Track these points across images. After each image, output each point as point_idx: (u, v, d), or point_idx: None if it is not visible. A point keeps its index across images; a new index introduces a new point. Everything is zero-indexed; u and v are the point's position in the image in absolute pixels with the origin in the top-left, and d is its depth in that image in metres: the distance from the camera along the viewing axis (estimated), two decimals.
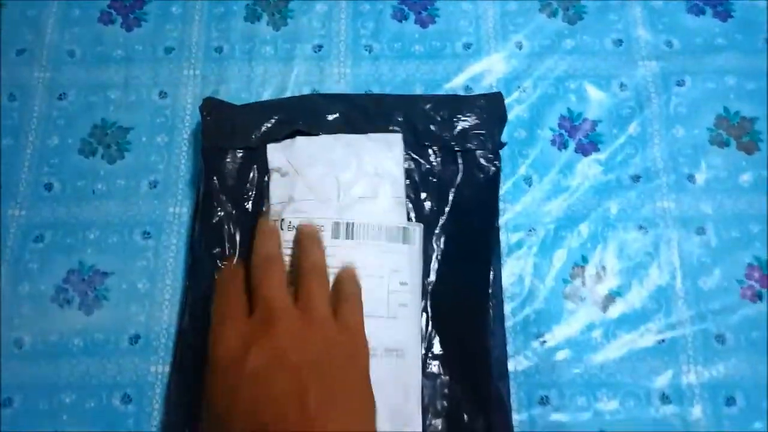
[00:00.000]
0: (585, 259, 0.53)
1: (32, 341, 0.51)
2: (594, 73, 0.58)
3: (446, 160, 0.52)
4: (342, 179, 0.49)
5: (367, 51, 0.59)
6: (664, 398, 0.49)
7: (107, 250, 0.53)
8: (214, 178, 0.51)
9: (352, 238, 0.47)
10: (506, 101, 0.56)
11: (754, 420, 0.48)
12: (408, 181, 0.50)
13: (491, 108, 0.53)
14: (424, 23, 0.60)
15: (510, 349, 0.50)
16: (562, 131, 0.56)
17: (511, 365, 0.50)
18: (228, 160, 0.51)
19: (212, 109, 0.53)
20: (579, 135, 0.56)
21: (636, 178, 0.55)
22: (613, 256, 0.53)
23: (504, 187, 0.54)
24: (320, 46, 0.59)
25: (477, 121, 0.52)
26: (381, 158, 0.50)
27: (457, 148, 0.52)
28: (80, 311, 0.52)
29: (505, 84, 0.57)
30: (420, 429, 0.44)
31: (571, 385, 0.49)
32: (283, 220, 0.48)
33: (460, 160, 0.51)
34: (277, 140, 0.51)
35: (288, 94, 0.57)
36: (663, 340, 0.50)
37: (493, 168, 0.52)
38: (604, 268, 0.52)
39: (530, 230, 0.53)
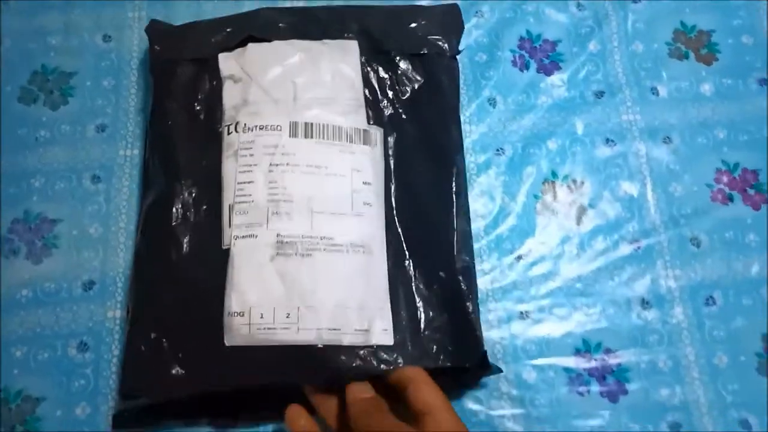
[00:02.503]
0: (555, 174, 0.52)
1: None
2: None
3: (403, 66, 0.50)
4: (298, 82, 0.47)
5: None
6: (645, 303, 0.48)
7: (54, 197, 0.50)
8: (165, 90, 0.49)
9: (312, 137, 0.45)
10: (465, 27, 0.55)
11: (734, 316, 0.48)
12: (366, 88, 0.48)
13: (447, 18, 0.52)
14: None
15: (486, 266, 0.49)
16: (523, 52, 0.55)
17: (488, 282, 0.48)
18: (178, 72, 0.49)
19: (159, 27, 0.51)
20: (540, 55, 0.55)
21: (600, 94, 0.54)
22: (582, 170, 0.52)
23: (468, 110, 0.53)
24: None
25: (433, 28, 0.51)
26: (337, 63, 0.48)
27: (413, 52, 0.50)
28: (27, 261, 0.48)
29: (463, 10, 0.55)
30: (390, 323, 0.42)
31: (549, 297, 0.48)
32: (237, 123, 0.46)
33: (417, 65, 0.50)
34: (229, 49, 0.49)
35: None
36: (638, 248, 0.49)
37: (450, 71, 0.50)
38: (574, 181, 0.51)
39: (498, 150, 0.52)
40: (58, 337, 0.46)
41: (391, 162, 0.47)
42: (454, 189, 0.47)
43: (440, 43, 0.50)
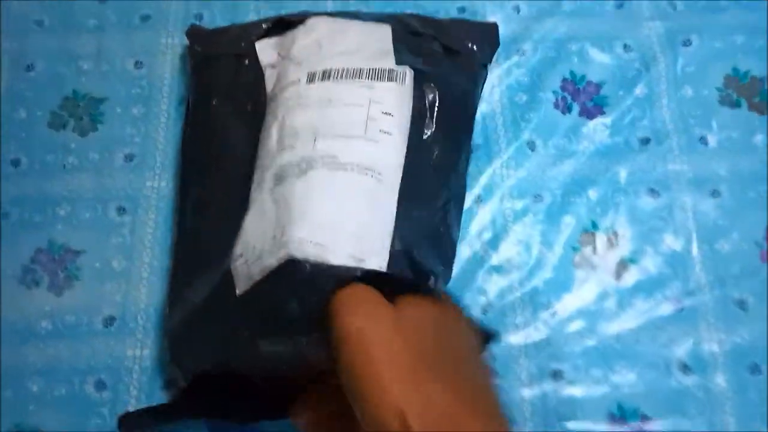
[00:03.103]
0: (595, 225, 0.49)
1: None
2: (595, 35, 0.55)
3: (435, 51, 0.48)
4: (324, 43, 0.45)
5: None
6: (685, 368, 0.46)
7: (79, 227, 0.49)
8: (208, 85, 0.48)
9: (328, 80, 0.43)
10: (505, 65, 0.54)
11: None
12: (396, 50, 0.46)
13: (485, 31, 0.50)
14: None
15: (519, 320, 0.47)
16: (565, 94, 0.53)
17: (521, 338, 0.46)
18: (221, 66, 0.48)
19: (199, 29, 0.51)
20: (583, 98, 0.53)
21: (645, 141, 0.52)
22: (624, 222, 0.49)
23: (506, 153, 0.51)
24: None
25: (468, 36, 0.49)
26: (367, 35, 0.46)
27: (446, 44, 0.48)
28: (50, 292, 0.47)
29: (504, 47, 0.53)
30: (386, 263, 0.38)
31: (585, 357, 0.46)
32: (271, 98, 0.45)
33: (448, 57, 0.48)
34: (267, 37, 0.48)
35: None
36: (682, 308, 0.47)
37: (476, 76, 0.49)
38: (615, 233, 0.49)
39: (536, 196, 0.50)
40: (76, 372, 0.45)
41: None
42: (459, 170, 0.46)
43: (473, 48, 0.48)
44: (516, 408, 0.44)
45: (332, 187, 0.39)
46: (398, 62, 0.44)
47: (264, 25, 0.49)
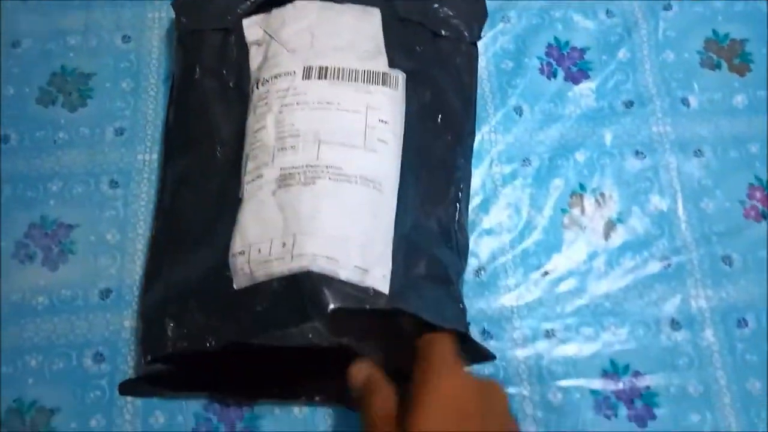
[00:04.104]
0: (583, 187, 0.50)
1: None
2: (578, 1, 0.56)
3: (424, 40, 0.48)
4: (317, 33, 0.46)
5: None
6: (674, 324, 0.47)
7: (72, 201, 0.49)
8: (193, 59, 0.48)
9: (325, 79, 0.44)
10: (491, 33, 0.54)
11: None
12: (387, 42, 0.46)
13: (471, 5, 0.50)
14: None
15: (511, 282, 0.48)
16: (550, 60, 0.54)
17: (513, 299, 0.47)
18: (206, 41, 0.48)
19: (185, 1, 0.50)
20: (567, 63, 0.54)
21: (629, 104, 0.53)
22: (611, 183, 0.50)
23: (494, 118, 0.52)
24: None
25: (455, 12, 0.49)
26: (358, 21, 0.47)
27: (433, 30, 0.48)
28: (44, 267, 0.47)
29: (489, 15, 0.54)
30: (389, 270, 0.40)
31: (576, 316, 0.47)
32: (258, 80, 0.45)
33: (438, 44, 0.48)
34: (253, 14, 0.48)
35: None
36: (669, 265, 0.48)
37: (468, 56, 0.49)
38: (602, 195, 0.50)
39: (524, 160, 0.51)
40: (73, 346, 0.46)
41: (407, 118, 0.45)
42: (459, 162, 0.46)
43: (461, 28, 0.49)
44: (511, 368, 0.45)
45: (339, 200, 0.40)
46: (391, 65, 0.45)
47: (250, 0, 0.49)
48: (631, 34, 0.55)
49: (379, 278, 0.39)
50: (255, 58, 0.46)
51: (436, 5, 0.50)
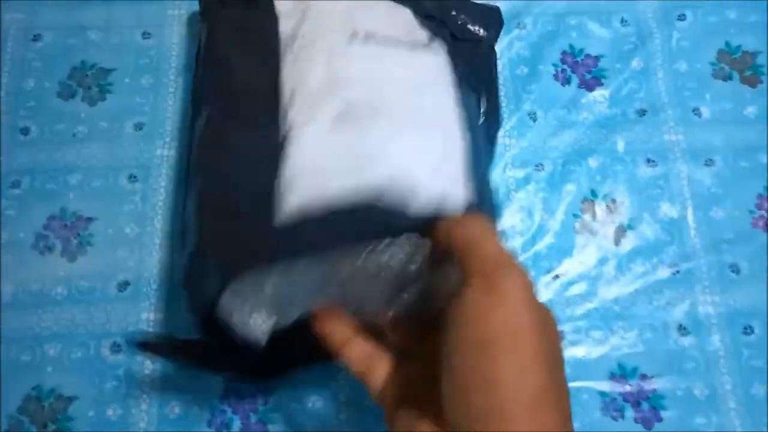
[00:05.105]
0: (594, 193, 0.51)
1: (13, 291, 0.47)
2: (593, 9, 0.57)
3: (447, 38, 0.47)
4: (353, 9, 0.45)
5: None
6: (682, 329, 0.48)
7: (91, 194, 0.50)
8: (219, 27, 0.47)
9: (372, 41, 0.43)
10: (506, 39, 0.55)
11: None
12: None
13: (488, 14, 0.51)
14: None
15: None
16: (565, 67, 0.55)
17: None
18: (232, 10, 0.47)
19: None
20: (582, 70, 0.54)
21: (642, 112, 0.53)
22: (622, 190, 0.51)
23: (509, 123, 0.53)
24: None
25: (473, 19, 0.50)
26: (393, 11, 0.46)
27: (453, 33, 0.48)
28: (63, 258, 0.48)
29: (505, 22, 0.54)
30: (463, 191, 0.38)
31: (586, 319, 0.48)
32: (295, 35, 0.44)
33: (458, 46, 0.48)
34: None
35: None
36: (677, 272, 0.49)
37: (486, 57, 0.50)
38: (614, 201, 0.51)
39: (537, 165, 0.52)
40: (92, 336, 0.46)
41: None
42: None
43: (479, 34, 0.49)
44: None
45: (410, 133, 0.39)
46: (430, 39, 0.45)
47: None
48: (645, 44, 0.55)
49: (453, 203, 0.37)
50: (285, 25, 0.45)
51: (453, 13, 0.50)
